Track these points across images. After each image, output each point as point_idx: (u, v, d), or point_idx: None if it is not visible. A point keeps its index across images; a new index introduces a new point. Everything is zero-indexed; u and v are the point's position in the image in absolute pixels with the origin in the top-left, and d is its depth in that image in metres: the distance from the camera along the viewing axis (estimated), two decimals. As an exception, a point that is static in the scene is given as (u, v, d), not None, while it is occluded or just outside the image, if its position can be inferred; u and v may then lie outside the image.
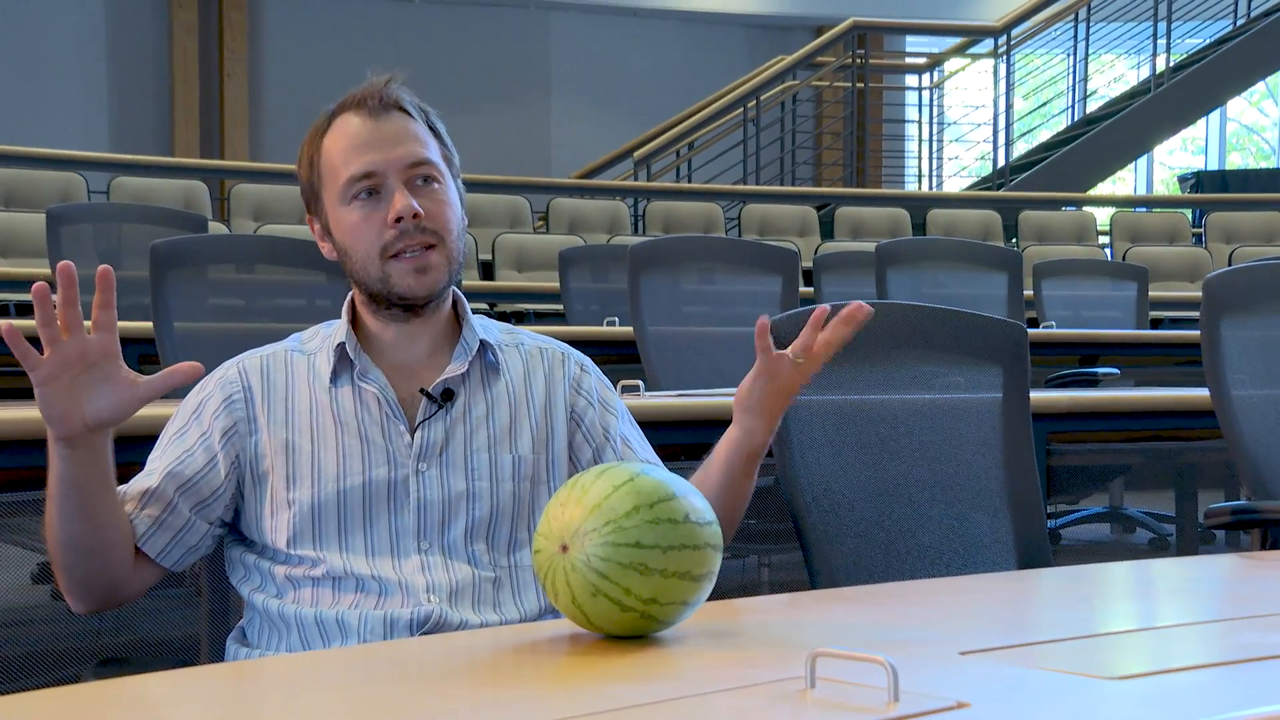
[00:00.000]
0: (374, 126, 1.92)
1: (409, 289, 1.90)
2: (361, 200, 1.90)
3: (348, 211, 1.92)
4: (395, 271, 1.89)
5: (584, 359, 2.05)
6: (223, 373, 1.95)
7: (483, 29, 13.29)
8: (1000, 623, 1.70)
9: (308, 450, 1.88)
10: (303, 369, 1.94)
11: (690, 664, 1.42)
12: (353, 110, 1.94)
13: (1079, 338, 5.73)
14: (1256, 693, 1.33)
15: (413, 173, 1.91)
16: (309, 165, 1.96)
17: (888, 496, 2.19)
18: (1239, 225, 9.89)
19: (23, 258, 6.76)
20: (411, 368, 1.94)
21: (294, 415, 1.90)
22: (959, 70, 13.42)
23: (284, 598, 1.87)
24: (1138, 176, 16.06)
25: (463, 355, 1.95)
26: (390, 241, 1.89)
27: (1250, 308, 2.66)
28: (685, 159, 11.73)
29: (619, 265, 5.24)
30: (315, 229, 1.99)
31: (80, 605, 1.86)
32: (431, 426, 1.91)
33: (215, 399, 1.92)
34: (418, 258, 1.89)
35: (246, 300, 3.64)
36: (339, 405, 1.90)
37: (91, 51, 12.19)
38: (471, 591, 1.86)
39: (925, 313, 2.30)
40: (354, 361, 1.92)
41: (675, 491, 1.49)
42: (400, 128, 1.93)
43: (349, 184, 1.91)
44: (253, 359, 1.96)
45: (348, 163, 1.91)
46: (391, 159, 1.90)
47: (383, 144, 1.91)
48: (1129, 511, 6.05)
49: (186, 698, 1.34)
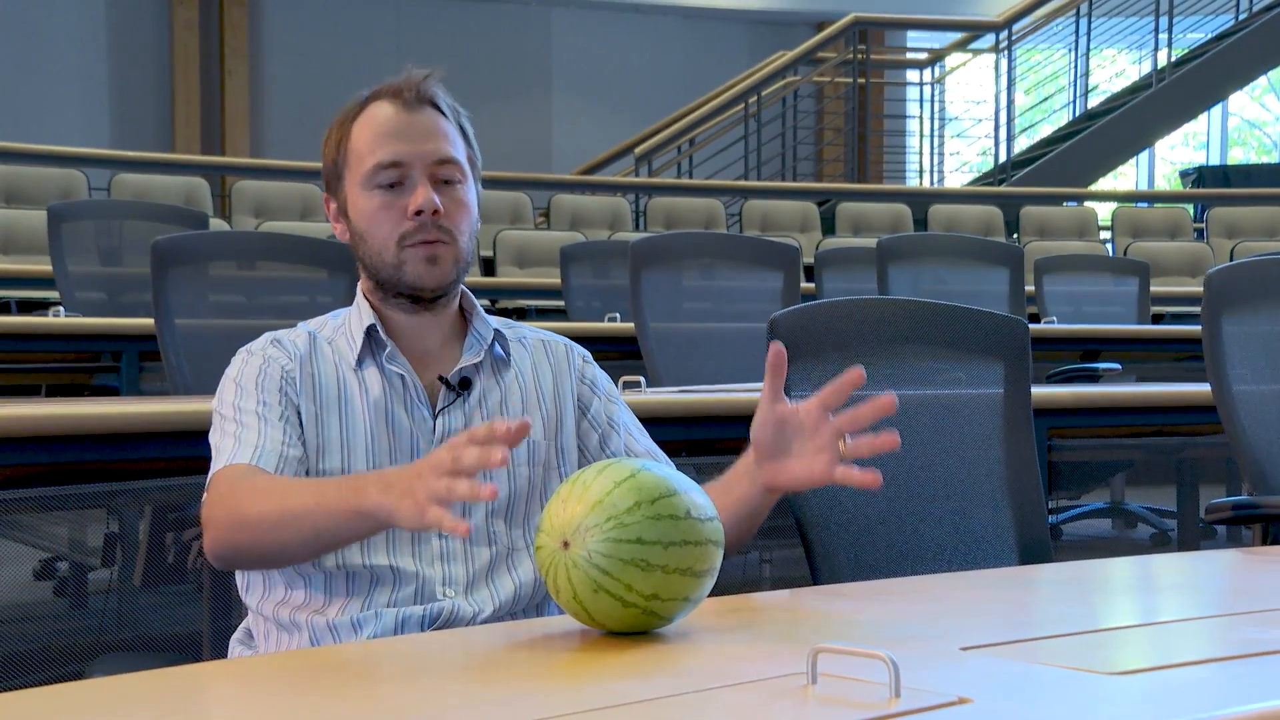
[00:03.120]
0: (406, 118, 1.94)
1: (418, 277, 1.91)
2: (384, 188, 1.92)
3: (369, 197, 1.93)
4: (409, 258, 1.91)
5: (585, 352, 2.08)
6: (263, 348, 1.94)
7: (484, 25, 13.28)
8: (1001, 618, 1.70)
9: (336, 427, 1.90)
10: (328, 350, 1.95)
11: (692, 660, 1.42)
12: (387, 99, 1.95)
13: (1080, 333, 5.73)
14: (1257, 688, 1.33)
15: (437, 170, 1.93)
16: (335, 146, 1.97)
17: (889, 492, 2.19)
18: (1240, 220, 9.89)
19: (24, 255, 6.76)
20: (426, 357, 1.96)
21: (323, 393, 1.91)
22: (960, 65, 13.42)
23: (294, 601, 1.86)
24: (1139, 172, 16.06)
25: (476, 346, 1.97)
26: (408, 232, 1.91)
27: (1252, 303, 2.66)
28: (686, 155, 11.72)
29: (620, 261, 5.24)
30: (331, 209, 2.01)
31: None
32: (451, 414, 1.93)
33: (274, 372, 1.91)
34: (431, 247, 1.91)
35: (248, 297, 3.64)
36: (366, 387, 1.92)
37: (93, 49, 12.19)
38: (488, 572, 1.88)
39: (927, 308, 2.30)
40: (384, 343, 1.94)
41: (676, 487, 1.49)
42: (431, 123, 1.95)
43: (374, 170, 1.92)
44: (283, 335, 1.96)
45: (375, 149, 1.92)
46: (419, 152, 1.92)
47: (413, 136, 1.93)
48: (1130, 507, 6.05)
49: (188, 695, 1.34)
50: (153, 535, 3.55)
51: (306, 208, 8.35)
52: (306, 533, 1.72)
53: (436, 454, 1.56)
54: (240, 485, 1.80)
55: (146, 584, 3.49)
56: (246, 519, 1.76)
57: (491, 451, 1.51)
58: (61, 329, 4.51)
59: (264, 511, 1.74)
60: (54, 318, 4.58)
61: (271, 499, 1.75)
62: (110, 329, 4.59)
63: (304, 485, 1.78)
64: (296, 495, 1.74)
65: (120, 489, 2.79)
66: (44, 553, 4.00)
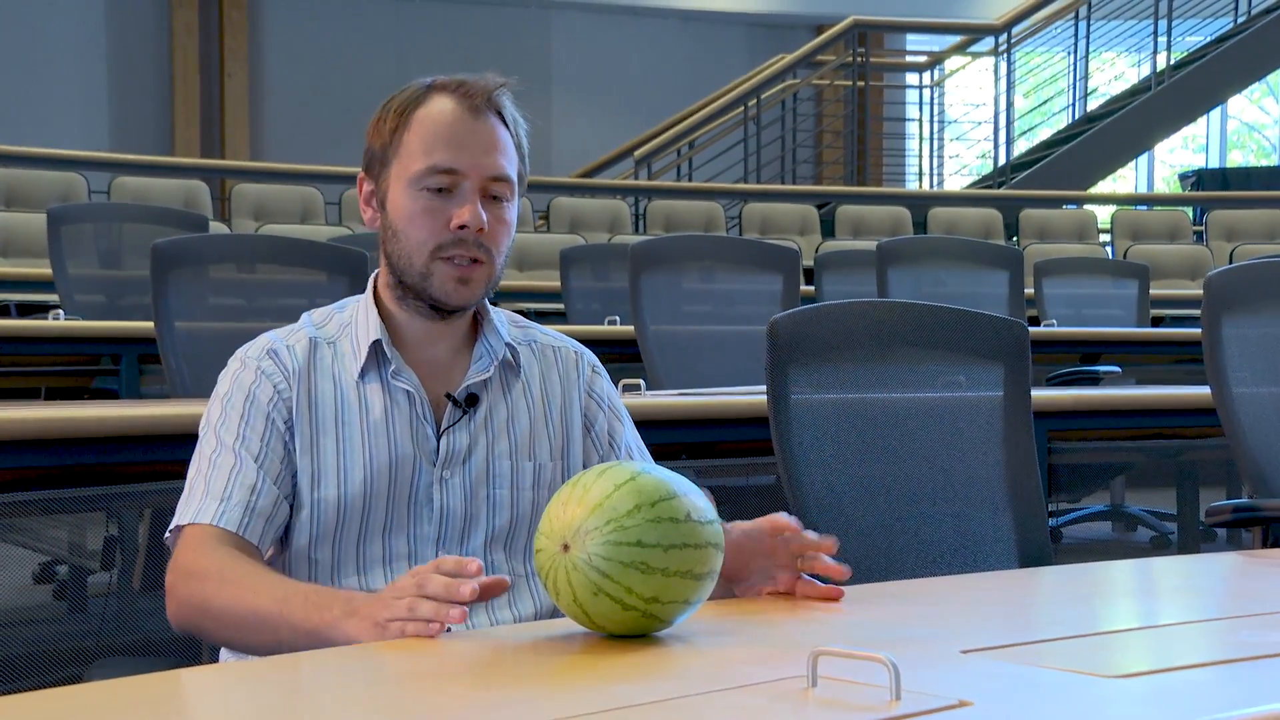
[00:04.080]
0: (470, 124, 1.85)
1: (446, 295, 1.85)
2: (432, 192, 1.84)
3: (414, 197, 1.85)
4: (439, 272, 1.84)
5: (595, 360, 2.02)
6: (259, 360, 1.87)
7: (483, 27, 13.28)
8: (1002, 621, 1.70)
9: (333, 453, 1.84)
10: (328, 359, 1.88)
11: (692, 663, 1.42)
12: (453, 95, 1.86)
13: (1080, 336, 5.73)
14: (1258, 691, 1.33)
15: (490, 185, 1.85)
16: (390, 131, 1.87)
17: (889, 495, 2.19)
18: (1240, 223, 9.89)
19: (23, 258, 6.76)
20: (434, 368, 1.89)
21: (319, 412, 1.85)
22: (960, 68, 13.42)
23: None
24: (1138, 174, 16.06)
25: (485, 358, 1.91)
26: (446, 243, 1.83)
27: (1251, 305, 2.66)
28: (686, 158, 11.72)
29: (620, 264, 5.24)
30: (364, 190, 1.92)
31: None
32: (456, 433, 1.87)
33: (263, 395, 1.84)
34: (464, 268, 1.84)
35: (247, 300, 3.64)
36: (368, 405, 1.86)
37: (92, 51, 12.19)
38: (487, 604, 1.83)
39: (926, 311, 2.29)
40: (390, 359, 1.87)
41: (676, 490, 1.49)
42: (493, 134, 1.87)
43: (427, 172, 1.84)
44: (280, 344, 1.88)
45: (433, 150, 1.84)
46: (477, 165, 1.84)
47: (475, 146, 1.85)
48: (1130, 510, 6.05)
49: (187, 698, 1.34)
50: (152, 538, 3.55)
51: (306, 210, 8.35)
52: (268, 640, 1.67)
53: (400, 581, 1.54)
54: (204, 565, 1.74)
55: (146, 587, 3.49)
56: (210, 609, 1.72)
57: (459, 588, 1.48)
58: (61, 332, 4.50)
59: (229, 606, 1.70)
60: (53, 321, 4.58)
61: (237, 593, 1.70)
62: (110, 332, 4.59)
63: (269, 584, 1.70)
64: (263, 595, 1.68)
65: (120, 492, 2.79)
66: (43, 556, 3.99)
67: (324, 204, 8.54)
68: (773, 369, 2.11)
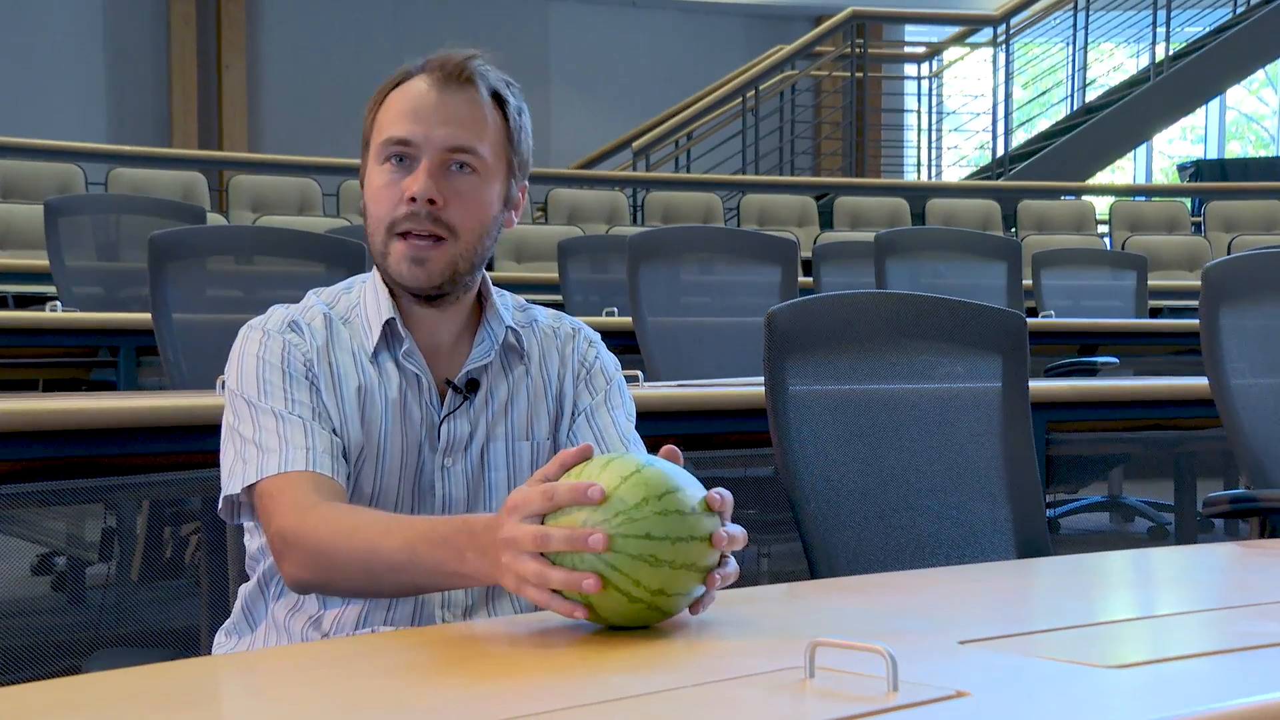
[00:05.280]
0: (436, 97, 1.81)
1: (400, 275, 1.81)
2: (393, 165, 1.81)
3: (379, 172, 1.82)
4: (394, 250, 1.80)
5: (594, 335, 1.98)
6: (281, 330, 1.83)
7: (481, 19, 13.27)
8: (999, 612, 1.70)
9: (359, 428, 1.81)
10: (345, 336, 1.85)
11: (690, 654, 1.42)
12: (425, 73, 1.83)
13: (1078, 327, 5.73)
14: (1255, 681, 1.33)
15: (449, 156, 1.80)
16: (370, 112, 1.86)
17: (887, 486, 2.19)
18: (1238, 214, 9.89)
19: (21, 249, 6.75)
20: (436, 353, 1.87)
21: (344, 387, 1.82)
22: (958, 59, 13.42)
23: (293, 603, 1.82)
24: (1137, 165, 16.06)
25: (488, 343, 1.88)
26: (400, 218, 1.79)
27: (1250, 296, 2.66)
28: (684, 149, 11.72)
29: (618, 256, 5.24)
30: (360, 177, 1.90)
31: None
32: (456, 420, 1.85)
33: (297, 360, 1.81)
34: (420, 247, 1.79)
35: (245, 292, 3.64)
36: (386, 382, 1.83)
37: (90, 43, 12.18)
38: (488, 595, 1.83)
39: (924, 302, 2.29)
40: (403, 339, 1.84)
41: (681, 483, 1.49)
42: (460, 107, 1.81)
43: (385, 144, 1.81)
44: (299, 318, 1.85)
45: (393, 123, 1.81)
46: (433, 136, 1.79)
47: (432, 117, 1.80)
48: (1128, 500, 6.05)
49: (185, 690, 1.34)
50: (150, 530, 3.56)
51: (304, 202, 8.35)
52: (406, 586, 1.66)
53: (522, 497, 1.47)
54: (314, 523, 1.68)
55: (144, 579, 3.49)
56: (338, 564, 1.66)
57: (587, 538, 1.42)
58: (58, 324, 4.50)
59: (356, 558, 1.64)
60: (51, 313, 4.58)
61: (359, 540, 1.64)
62: (107, 324, 4.59)
63: (391, 529, 1.64)
64: (386, 540, 1.62)
65: (118, 484, 2.79)
66: (42, 547, 3.99)
67: (322, 195, 8.54)
68: (771, 360, 2.10)
